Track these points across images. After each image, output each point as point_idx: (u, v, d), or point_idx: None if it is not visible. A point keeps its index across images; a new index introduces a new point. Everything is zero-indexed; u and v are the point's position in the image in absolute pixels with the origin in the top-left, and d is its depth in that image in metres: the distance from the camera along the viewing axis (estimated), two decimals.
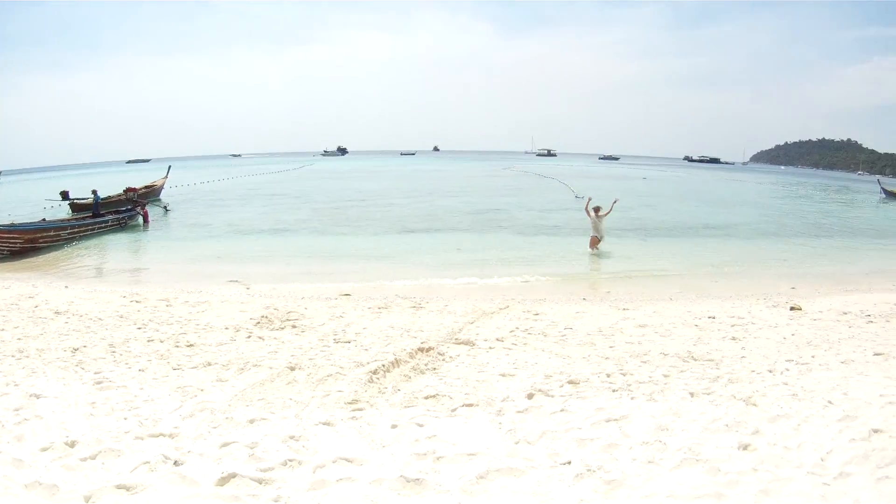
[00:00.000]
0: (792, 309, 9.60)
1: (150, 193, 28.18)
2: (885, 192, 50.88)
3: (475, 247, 16.66)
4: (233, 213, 24.37)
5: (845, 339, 7.44)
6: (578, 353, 6.70)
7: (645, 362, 6.21)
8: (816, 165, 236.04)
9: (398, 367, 6.01)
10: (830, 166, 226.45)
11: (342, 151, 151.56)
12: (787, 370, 5.87)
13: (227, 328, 7.47)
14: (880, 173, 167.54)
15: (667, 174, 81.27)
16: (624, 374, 5.74)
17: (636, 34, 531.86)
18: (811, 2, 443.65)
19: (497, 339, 7.26)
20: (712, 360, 6.22)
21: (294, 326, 7.56)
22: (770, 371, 5.82)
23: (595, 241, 15.80)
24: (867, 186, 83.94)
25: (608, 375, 5.72)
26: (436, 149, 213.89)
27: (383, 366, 5.90)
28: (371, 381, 5.50)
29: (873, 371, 5.84)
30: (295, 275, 12.44)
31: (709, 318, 8.76)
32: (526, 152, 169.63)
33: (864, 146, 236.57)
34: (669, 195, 42.03)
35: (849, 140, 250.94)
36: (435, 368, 6.06)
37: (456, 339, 7.20)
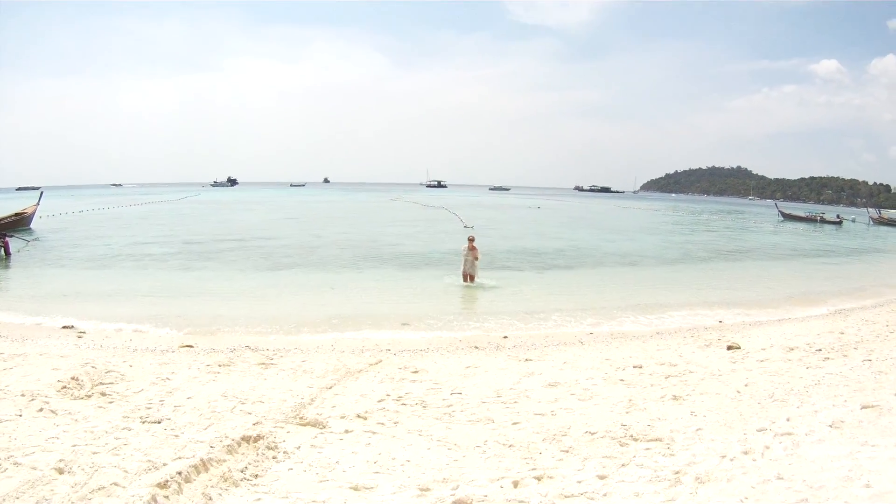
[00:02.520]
0: (729, 348, 8.51)
1: (18, 223, 27.67)
2: (783, 214, 57.22)
3: (351, 284, 15.54)
4: (99, 246, 23.40)
5: (811, 385, 6.22)
6: (470, 437, 4.87)
7: (567, 451, 4.44)
8: (706, 192, 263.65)
9: (205, 471, 4.11)
10: (721, 192, 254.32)
11: (232, 182, 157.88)
12: (769, 448, 4.35)
13: (23, 394, 5.87)
14: (770, 198, 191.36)
15: (560, 203, 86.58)
16: (539, 480, 3.91)
17: (528, 67, 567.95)
18: (702, 37, 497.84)
19: (359, 416, 5.50)
20: (660, 440, 4.58)
21: (104, 394, 6.06)
22: (746, 453, 4.27)
23: (468, 277, 14.73)
24: (761, 210, 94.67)
25: (515, 485, 3.87)
26: (326, 180, 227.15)
27: (181, 473, 3.95)
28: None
29: (876, 437, 4.52)
30: (141, 318, 11.18)
31: (634, 367, 7.35)
32: (420, 184, 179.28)
33: (754, 172, 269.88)
34: (565, 224, 43.55)
35: (738, 167, 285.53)
36: (257, 475, 4.18)
37: (301, 417, 5.43)
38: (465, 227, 30.03)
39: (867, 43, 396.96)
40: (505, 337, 10.09)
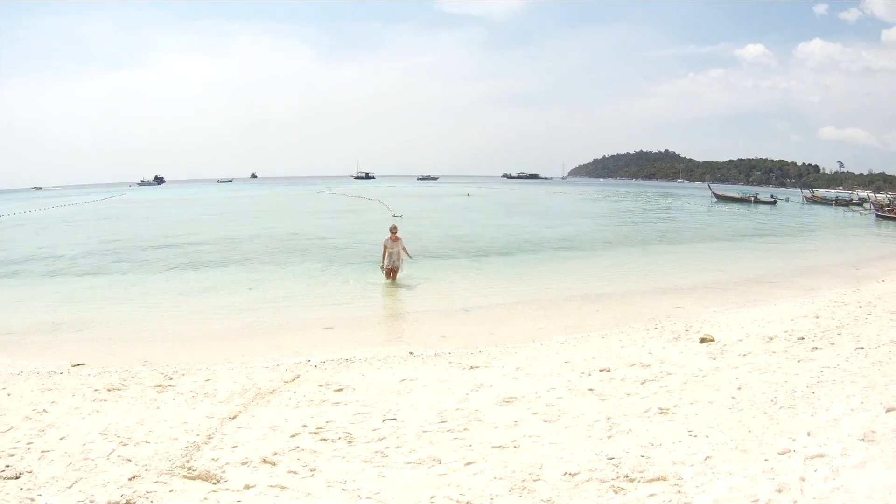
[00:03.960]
0: (703, 341, 7.82)
1: None
2: (716, 195, 60.02)
3: (272, 283, 14.40)
4: (3, 251, 21.95)
5: (813, 384, 5.50)
6: (412, 491, 3.80)
7: None
8: (635, 176, 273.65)
9: None
10: (649, 176, 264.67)
11: (159, 181, 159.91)
12: (805, 479, 3.49)
13: None
14: (699, 180, 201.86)
15: (489, 190, 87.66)
16: None
17: (456, 56, 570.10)
18: (629, 23, 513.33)
19: (265, 461, 4.44)
20: (664, 479, 3.62)
21: None
22: (780, 490, 3.37)
23: (392, 273, 13.51)
24: (691, 192, 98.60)
25: None
26: (253, 175, 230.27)
27: None
28: None
29: None
30: (34, 331, 10.07)
31: (601, 371, 6.47)
32: (349, 176, 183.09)
33: (682, 156, 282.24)
34: (497, 210, 43.62)
35: (667, 151, 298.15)
36: None
37: (191, 467, 4.33)
38: (394, 216, 29.78)
39: (793, 28, 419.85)
40: (443, 336, 9.09)
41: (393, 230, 13.42)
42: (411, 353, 8.15)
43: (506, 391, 5.83)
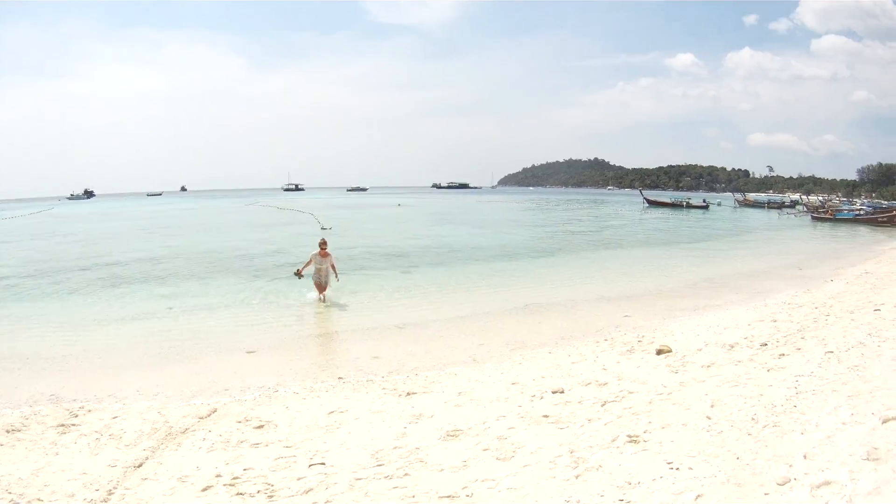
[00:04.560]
0: (660, 352, 7.36)
1: None
2: (648, 201, 62.52)
3: (193, 301, 13.33)
4: None
5: (792, 395, 5.04)
6: None
7: None
8: (565, 185, 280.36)
9: None
10: (579, 184, 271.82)
11: (89, 195, 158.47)
12: None
13: None
14: (629, 187, 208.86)
15: (420, 200, 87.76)
16: None
17: (388, 67, 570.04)
18: (561, 33, 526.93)
19: None
20: None
21: None
22: None
23: (320, 289, 12.59)
24: (622, 199, 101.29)
25: None
26: (183, 188, 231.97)
27: None
28: None
29: None
30: None
31: (554, 393, 5.87)
32: (281, 188, 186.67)
33: (612, 163, 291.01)
34: (427, 220, 43.31)
35: (596, 159, 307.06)
36: None
37: None
38: (323, 228, 29.11)
39: (724, 37, 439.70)
40: (376, 358, 8.31)
41: (322, 245, 12.52)
42: (340, 379, 7.39)
43: (449, 422, 5.15)
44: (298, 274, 12.53)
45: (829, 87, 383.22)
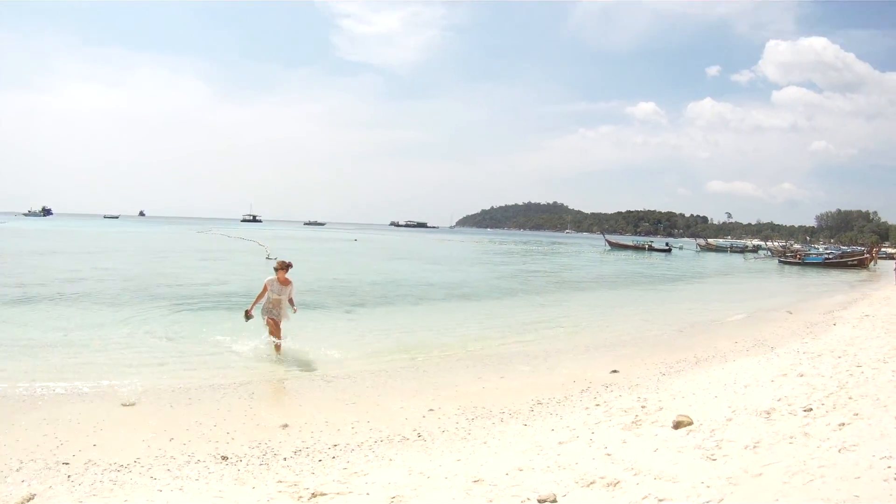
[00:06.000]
0: (678, 426, 5.39)
1: None
2: (610, 243, 63.69)
3: (90, 332, 11.10)
4: None
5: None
6: None
7: None
8: (523, 227, 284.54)
9: None
10: (537, 227, 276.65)
11: (46, 212, 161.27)
12: None
13: None
14: (587, 231, 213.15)
15: (377, 237, 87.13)
16: None
17: (352, 105, 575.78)
18: (524, 81, 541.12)
19: None
20: None
21: None
22: None
23: (275, 326, 9.68)
24: (580, 241, 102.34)
25: None
26: (142, 213, 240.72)
27: None
28: None
29: None
30: None
31: (541, 502, 3.85)
32: (238, 219, 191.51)
33: (570, 207, 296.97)
34: (382, 255, 42.08)
35: (555, 203, 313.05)
36: None
37: None
38: (268, 258, 27.23)
39: (685, 88, 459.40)
40: (285, 427, 6.15)
41: (283, 267, 9.73)
42: (224, 460, 5.24)
43: None
44: (248, 315, 9.76)
45: (789, 137, 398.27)
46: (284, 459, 5.29)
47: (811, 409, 5.58)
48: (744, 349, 10.08)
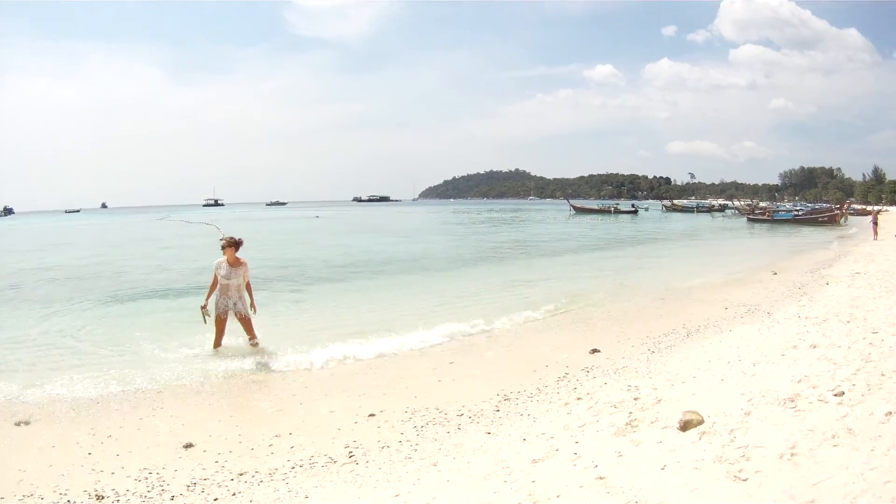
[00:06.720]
0: (686, 427, 4.21)
1: None
2: (575, 208, 63.72)
3: (12, 337, 9.57)
4: None
5: None
6: None
7: None
8: (486, 196, 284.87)
9: None
10: (500, 195, 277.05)
11: (7, 212, 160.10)
12: None
13: None
14: (550, 197, 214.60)
15: (340, 213, 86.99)
16: None
17: (306, 81, 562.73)
18: (479, 46, 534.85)
19: None
20: None
21: None
22: None
23: (222, 325, 8.15)
24: (545, 207, 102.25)
25: None
26: (104, 205, 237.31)
27: None
28: None
29: None
30: None
31: None
32: (200, 203, 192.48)
33: (532, 174, 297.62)
34: (341, 231, 41.52)
35: (517, 170, 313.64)
36: None
37: None
38: (221, 239, 25.89)
39: (642, 49, 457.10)
40: (189, 446, 4.90)
41: (231, 245, 8.37)
42: (100, 501, 4.03)
43: None
44: (204, 311, 8.13)
45: (748, 95, 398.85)
46: (172, 499, 4.03)
47: (843, 393, 4.48)
48: (737, 316, 9.10)
